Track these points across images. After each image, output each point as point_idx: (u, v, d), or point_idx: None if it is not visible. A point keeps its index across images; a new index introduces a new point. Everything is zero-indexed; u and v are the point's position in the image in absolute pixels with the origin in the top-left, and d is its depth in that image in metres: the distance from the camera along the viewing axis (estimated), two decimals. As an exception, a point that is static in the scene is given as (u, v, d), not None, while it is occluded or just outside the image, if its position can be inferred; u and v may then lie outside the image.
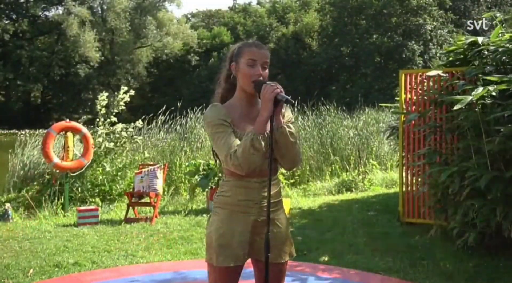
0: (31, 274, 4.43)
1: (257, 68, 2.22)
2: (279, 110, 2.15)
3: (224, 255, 2.20)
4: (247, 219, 2.24)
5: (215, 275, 2.25)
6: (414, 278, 4.39)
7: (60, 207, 7.78)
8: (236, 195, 2.24)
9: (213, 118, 2.21)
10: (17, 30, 41.28)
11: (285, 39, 44.62)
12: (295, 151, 2.22)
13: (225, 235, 2.22)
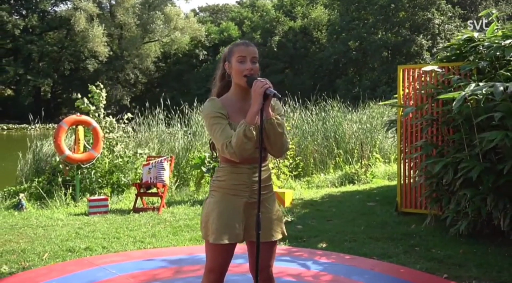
0: (46, 258, 4.73)
1: (247, 63, 2.49)
2: (268, 104, 2.40)
3: (219, 233, 2.46)
4: (239, 200, 2.50)
5: (211, 251, 2.52)
6: (406, 262, 4.63)
7: (71, 197, 8.09)
8: (229, 179, 2.50)
9: (210, 111, 2.47)
10: (27, 25, 41.72)
11: (293, 33, 44.70)
12: (282, 140, 2.48)
13: (220, 215, 2.49)
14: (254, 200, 2.46)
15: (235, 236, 2.49)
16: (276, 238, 2.59)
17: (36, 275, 4.17)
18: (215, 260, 2.53)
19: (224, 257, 2.52)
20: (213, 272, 2.55)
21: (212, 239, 2.47)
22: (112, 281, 4.04)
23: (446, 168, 5.59)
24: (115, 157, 9.03)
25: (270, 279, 2.61)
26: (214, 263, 2.54)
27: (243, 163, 2.46)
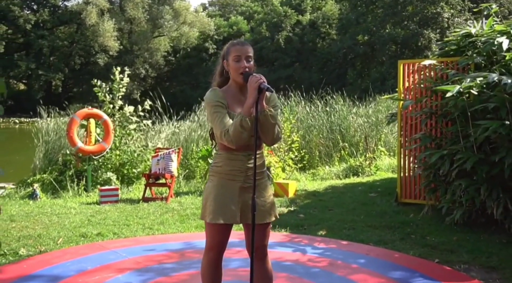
0: (60, 242, 5.02)
1: (242, 62, 2.74)
2: (262, 97, 2.64)
3: (215, 214, 2.72)
4: (235, 185, 2.75)
5: (210, 231, 2.78)
6: (401, 249, 4.86)
7: (82, 188, 8.40)
8: (226, 165, 2.76)
9: (211, 100, 2.73)
10: (38, 20, 42.16)
11: (301, 27, 44.74)
12: (275, 130, 2.73)
13: (216, 198, 2.74)
14: (248, 185, 2.72)
15: (231, 217, 2.74)
16: (269, 220, 2.84)
17: (52, 257, 4.47)
18: (213, 239, 2.79)
19: (221, 236, 2.78)
20: (212, 250, 2.82)
21: (209, 219, 2.73)
22: (122, 263, 4.32)
23: (442, 159, 5.80)
24: (127, 149, 9.32)
25: (264, 257, 2.87)
26: (213, 242, 2.80)
27: (238, 150, 2.71)
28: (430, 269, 4.21)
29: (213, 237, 2.79)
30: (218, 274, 2.89)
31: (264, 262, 2.87)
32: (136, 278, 3.93)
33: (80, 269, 4.12)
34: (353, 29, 39.72)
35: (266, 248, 2.88)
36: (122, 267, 4.19)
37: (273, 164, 8.91)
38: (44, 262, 4.32)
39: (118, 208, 6.77)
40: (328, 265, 4.29)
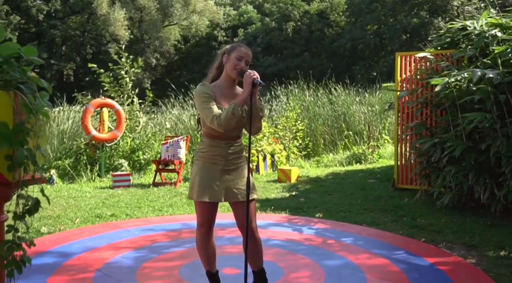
0: (77, 222, 5.47)
1: (242, 63, 3.12)
2: (256, 91, 3.02)
3: (201, 193, 3.10)
4: (217, 168, 3.12)
5: (199, 209, 3.17)
6: (391, 229, 5.24)
7: (96, 174, 8.86)
8: (209, 151, 3.14)
9: (201, 92, 3.10)
10: (50, 10, 42.57)
11: (309, 16, 44.72)
12: (260, 121, 3.13)
13: (201, 179, 3.12)
14: (228, 168, 3.11)
15: (214, 196, 3.10)
16: (250, 197, 3.19)
17: (70, 235, 4.91)
18: (203, 215, 3.18)
19: (209, 213, 3.16)
20: (203, 226, 3.21)
21: (195, 197, 3.11)
22: (134, 240, 4.75)
23: (435, 146, 6.16)
24: (137, 136, 9.78)
25: (256, 236, 3.22)
26: (203, 218, 3.18)
27: (220, 138, 3.10)
28: (414, 246, 4.59)
29: (202, 214, 3.18)
30: (212, 247, 3.28)
31: (258, 239, 3.24)
32: (146, 252, 4.36)
33: (95, 245, 4.55)
34: (362, 17, 39.73)
35: (254, 225, 3.25)
36: (133, 244, 4.62)
37: (277, 151, 9.29)
38: (63, 239, 4.76)
39: (130, 192, 7.21)
40: (321, 243, 4.68)
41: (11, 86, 1.37)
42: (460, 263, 4.15)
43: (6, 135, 1.32)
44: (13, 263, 1.40)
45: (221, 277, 3.35)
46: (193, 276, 3.75)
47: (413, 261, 4.19)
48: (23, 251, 1.43)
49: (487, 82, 5.39)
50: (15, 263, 1.40)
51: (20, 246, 1.42)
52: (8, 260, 1.40)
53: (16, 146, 1.34)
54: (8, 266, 1.41)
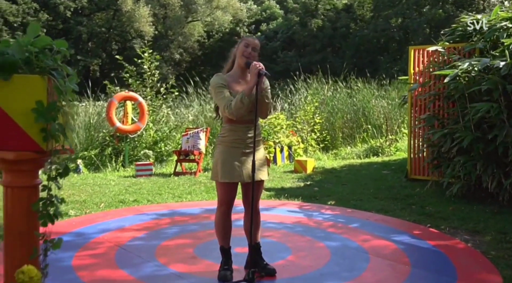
0: (102, 206, 5.83)
1: (249, 48, 3.42)
2: (261, 81, 3.30)
3: (223, 174, 3.40)
4: (237, 151, 3.42)
5: (221, 189, 3.47)
6: (399, 216, 5.46)
7: (120, 164, 9.26)
8: (230, 135, 3.43)
9: (215, 82, 3.41)
10: (77, 7, 43.47)
11: (335, 11, 44.62)
12: (267, 107, 3.42)
13: (224, 162, 3.42)
14: (247, 151, 3.39)
15: (236, 177, 3.41)
16: (263, 178, 3.51)
17: (96, 217, 5.27)
18: (223, 195, 3.48)
19: (229, 193, 3.46)
20: (223, 205, 3.51)
21: (220, 178, 3.41)
22: (154, 222, 5.08)
23: (445, 137, 6.33)
24: (159, 129, 10.16)
25: (258, 212, 3.57)
26: (223, 198, 3.49)
27: (239, 123, 3.39)
28: (418, 231, 4.81)
29: (223, 194, 3.48)
30: (229, 225, 3.59)
31: (256, 213, 3.55)
32: (165, 233, 4.68)
33: (118, 226, 4.89)
34: (386, 11, 39.52)
35: (258, 201, 3.56)
36: (153, 225, 4.95)
37: (295, 143, 9.54)
38: (89, 221, 5.12)
39: (152, 180, 7.56)
40: (329, 226, 4.94)
41: (45, 72, 1.67)
42: (460, 246, 4.36)
43: (41, 112, 1.62)
44: (47, 216, 1.70)
45: (232, 254, 3.65)
46: (207, 254, 4.05)
47: (415, 243, 4.41)
48: (56, 206, 1.73)
49: (495, 72, 5.55)
50: (48, 216, 1.70)
51: (52, 202, 1.71)
52: (42, 214, 1.70)
53: (49, 121, 1.63)
54: (42, 218, 1.71)
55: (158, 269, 3.74)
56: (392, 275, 3.66)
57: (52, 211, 1.71)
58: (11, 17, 38.54)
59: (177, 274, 3.61)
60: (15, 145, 1.64)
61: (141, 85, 10.25)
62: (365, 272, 3.73)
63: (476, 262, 3.93)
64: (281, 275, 3.62)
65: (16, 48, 1.68)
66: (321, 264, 3.89)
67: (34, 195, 1.76)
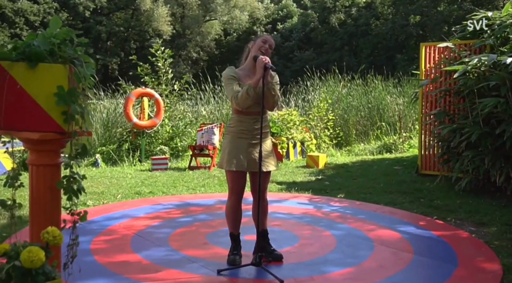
0: (119, 198, 6.06)
1: (266, 45, 3.60)
2: (267, 74, 3.47)
3: (229, 163, 3.58)
4: (244, 141, 3.59)
5: (230, 178, 3.65)
6: (407, 208, 5.58)
7: (137, 158, 9.51)
8: (237, 126, 3.61)
9: (227, 74, 3.61)
10: (96, 6, 44.09)
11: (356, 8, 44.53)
12: (274, 99, 3.58)
13: (230, 151, 3.60)
14: (254, 142, 3.56)
15: (241, 166, 3.58)
16: (269, 169, 3.67)
17: (113, 207, 5.49)
18: (232, 184, 3.66)
19: (238, 181, 3.63)
20: (233, 194, 3.69)
21: (225, 167, 3.60)
22: (169, 212, 5.29)
23: (454, 132, 6.43)
24: (175, 124, 10.40)
25: (266, 201, 3.75)
26: (233, 187, 3.66)
27: (246, 114, 3.56)
28: (424, 222, 4.93)
29: (232, 183, 3.66)
30: (239, 213, 3.76)
31: (263, 200, 3.72)
32: (179, 222, 4.88)
33: (134, 215, 5.11)
34: (404, 8, 39.37)
35: (266, 192, 3.74)
36: (168, 215, 5.16)
37: (307, 139, 9.68)
38: (107, 210, 5.35)
39: (167, 174, 7.79)
40: (336, 217, 5.09)
41: (67, 61, 1.86)
42: (463, 236, 4.48)
43: (62, 96, 1.81)
44: (71, 191, 1.89)
45: (241, 241, 3.83)
46: (218, 241, 4.23)
47: (420, 233, 4.54)
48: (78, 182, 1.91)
49: (503, 68, 5.64)
50: (72, 191, 1.89)
51: (75, 178, 1.90)
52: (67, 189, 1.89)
53: (69, 104, 1.82)
54: (67, 193, 1.90)
55: (171, 254, 3.94)
56: (395, 262, 3.80)
57: (75, 186, 1.89)
58: (32, 16, 39.24)
59: (188, 258, 3.81)
60: (39, 126, 1.83)
61: (156, 82, 10.50)
62: (368, 258, 3.88)
63: (478, 251, 4.05)
64: (288, 260, 3.78)
65: (41, 40, 1.87)
66: (327, 251, 4.04)
67: (57, 172, 1.95)
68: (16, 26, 38.68)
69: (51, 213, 1.80)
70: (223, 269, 3.53)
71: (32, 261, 1.41)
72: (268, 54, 3.63)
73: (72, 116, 1.84)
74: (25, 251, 1.43)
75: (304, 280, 3.43)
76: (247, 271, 3.51)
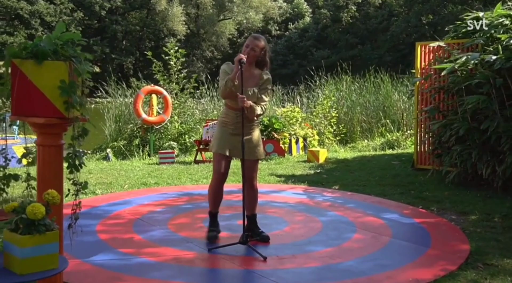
0: (126, 187, 6.48)
1: (246, 50, 3.98)
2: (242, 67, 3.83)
3: (215, 147, 4.06)
4: (227, 130, 4.03)
5: (214, 159, 4.11)
6: (395, 199, 5.89)
7: (146, 153, 9.95)
8: (225, 117, 4.08)
9: (222, 69, 4.05)
10: (112, 6, 44.85)
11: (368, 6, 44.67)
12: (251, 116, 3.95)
13: (216, 137, 4.10)
14: (235, 132, 3.97)
15: (222, 149, 4.02)
16: (253, 158, 4.07)
17: (120, 196, 5.91)
18: (215, 164, 4.11)
19: (220, 162, 4.06)
20: (215, 173, 4.13)
21: (212, 149, 4.09)
22: (171, 200, 5.68)
23: (444, 128, 6.73)
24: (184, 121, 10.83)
25: (252, 185, 4.13)
26: (215, 167, 4.11)
27: (232, 109, 3.99)
28: (408, 211, 5.26)
29: (215, 163, 4.12)
30: (219, 194, 4.19)
31: (253, 189, 4.12)
32: (179, 208, 5.27)
33: (139, 202, 5.51)
34: (418, 7, 39.46)
35: (254, 179, 4.13)
36: (170, 202, 5.55)
37: (310, 135, 10.03)
38: (113, 198, 5.77)
39: (173, 167, 8.20)
40: (326, 206, 5.44)
41: (68, 59, 2.25)
42: (442, 222, 4.81)
43: (64, 88, 2.20)
44: (73, 166, 2.29)
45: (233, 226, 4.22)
46: (213, 224, 4.61)
47: (401, 220, 4.88)
48: (79, 158, 2.30)
49: (486, 66, 5.93)
50: (74, 166, 2.29)
51: (77, 155, 2.29)
52: (70, 164, 2.29)
53: (70, 95, 2.21)
54: (70, 167, 2.30)
55: (168, 235, 4.34)
56: (373, 244, 4.15)
57: (77, 162, 2.29)
58: (48, 17, 40.06)
59: (184, 238, 4.20)
60: (45, 112, 2.23)
61: (167, 80, 10.93)
62: (349, 241, 4.23)
63: (451, 235, 4.38)
64: (274, 241, 4.16)
65: (46, 41, 2.27)
66: (312, 234, 4.41)
67: (60, 151, 2.35)
68: (32, 26, 39.55)
69: (55, 184, 2.19)
70: (213, 247, 3.92)
71: (35, 213, 1.80)
72: (254, 55, 3.99)
73: (72, 105, 2.23)
74: (30, 206, 1.82)
75: (286, 257, 3.80)
76: (235, 249, 3.88)
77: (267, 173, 7.66)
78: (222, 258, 3.76)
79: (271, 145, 9.24)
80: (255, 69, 4.09)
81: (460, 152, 6.38)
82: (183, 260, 3.73)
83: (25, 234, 1.82)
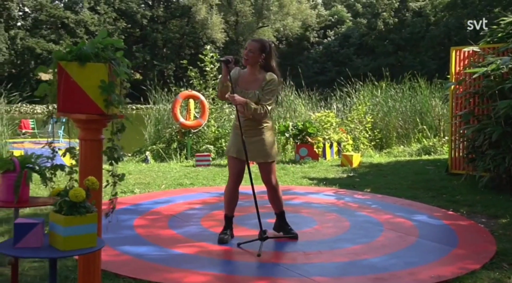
0: (163, 188, 6.75)
1: (246, 50, 4.12)
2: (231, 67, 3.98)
3: (227, 149, 4.27)
4: (238, 133, 4.07)
5: (228, 160, 4.28)
6: (426, 202, 5.92)
7: (184, 156, 10.26)
8: (235, 121, 4.18)
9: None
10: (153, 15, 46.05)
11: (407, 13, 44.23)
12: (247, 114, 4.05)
13: (230, 140, 4.29)
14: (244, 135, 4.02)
15: (232, 153, 4.18)
16: (260, 161, 4.21)
17: (157, 195, 6.18)
18: (229, 168, 4.28)
19: (233, 166, 4.22)
20: (230, 176, 4.28)
21: (226, 153, 4.31)
22: (205, 199, 5.90)
23: (479, 132, 6.71)
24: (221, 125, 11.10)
25: (273, 188, 4.29)
26: (229, 171, 4.28)
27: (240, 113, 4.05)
28: (438, 213, 5.29)
29: (229, 167, 4.29)
30: (234, 197, 4.33)
31: (271, 189, 4.27)
32: (212, 207, 5.48)
33: (175, 201, 5.76)
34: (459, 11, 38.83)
35: (271, 181, 4.25)
36: (204, 201, 5.77)
37: (344, 140, 10.10)
38: (151, 197, 6.04)
39: (209, 169, 8.44)
40: (356, 207, 5.54)
41: (107, 61, 2.48)
42: (471, 225, 4.83)
43: (104, 87, 2.44)
44: (112, 158, 2.52)
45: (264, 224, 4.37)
46: (244, 222, 4.80)
47: (430, 222, 4.94)
48: (118, 152, 2.52)
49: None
50: (113, 158, 2.52)
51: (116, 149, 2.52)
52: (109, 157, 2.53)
53: (109, 94, 2.44)
54: (109, 160, 2.54)
55: (201, 231, 4.55)
56: (398, 243, 4.24)
57: (116, 155, 2.52)
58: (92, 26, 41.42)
59: (215, 234, 4.39)
60: (87, 109, 2.47)
61: (203, 86, 11.23)
62: (375, 240, 4.33)
63: (479, 237, 4.41)
64: (302, 239, 4.30)
65: (89, 46, 2.51)
66: (339, 233, 4.53)
67: (99, 145, 2.59)
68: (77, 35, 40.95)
69: (94, 175, 2.42)
70: (242, 242, 4.10)
71: (76, 196, 2.03)
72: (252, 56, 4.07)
73: (111, 102, 2.46)
74: (72, 190, 2.06)
75: (313, 253, 3.94)
76: (264, 245, 4.04)
77: (300, 176, 7.79)
78: (250, 253, 3.94)
79: (305, 149, 9.37)
80: (260, 73, 4.12)
81: (493, 156, 6.36)
82: (214, 253, 3.93)
83: (68, 215, 2.06)
